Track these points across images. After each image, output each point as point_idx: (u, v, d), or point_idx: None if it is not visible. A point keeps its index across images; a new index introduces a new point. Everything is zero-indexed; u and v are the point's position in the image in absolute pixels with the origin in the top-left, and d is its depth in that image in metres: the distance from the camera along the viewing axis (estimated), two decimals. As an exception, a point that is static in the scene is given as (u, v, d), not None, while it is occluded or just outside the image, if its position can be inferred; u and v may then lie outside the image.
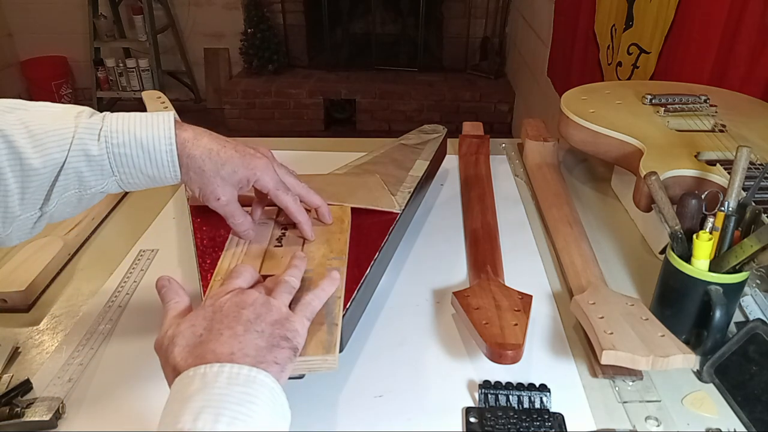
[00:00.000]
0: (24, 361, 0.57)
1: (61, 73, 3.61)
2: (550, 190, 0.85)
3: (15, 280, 0.65)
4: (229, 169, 0.54)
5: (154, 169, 0.51)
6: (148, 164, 0.51)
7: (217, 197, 0.55)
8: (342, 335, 0.51)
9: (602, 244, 0.76)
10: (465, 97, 3.31)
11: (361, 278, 0.59)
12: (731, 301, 0.55)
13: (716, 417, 0.51)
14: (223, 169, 0.53)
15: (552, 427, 0.49)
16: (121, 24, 3.49)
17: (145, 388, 0.54)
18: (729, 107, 0.85)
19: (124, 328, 0.62)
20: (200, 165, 0.52)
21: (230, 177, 0.54)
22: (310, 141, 1.11)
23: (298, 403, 0.52)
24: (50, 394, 0.52)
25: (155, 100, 1.15)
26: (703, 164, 0.69)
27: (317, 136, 3.33)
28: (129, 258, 0.73)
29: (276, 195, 0.58)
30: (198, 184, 0.54)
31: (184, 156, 0.52)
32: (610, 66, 1.63)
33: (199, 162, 0.52)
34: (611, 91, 0.94)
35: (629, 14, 1.50)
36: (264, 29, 3.38)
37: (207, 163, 0.53)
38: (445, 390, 0.54)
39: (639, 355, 0.50)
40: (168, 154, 0.51)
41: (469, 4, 3.43)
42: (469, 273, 0.70)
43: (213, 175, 0.53)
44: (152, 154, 0.50)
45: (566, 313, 0.63)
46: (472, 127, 1.05)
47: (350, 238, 0.64)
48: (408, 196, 0.74)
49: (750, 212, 0.55)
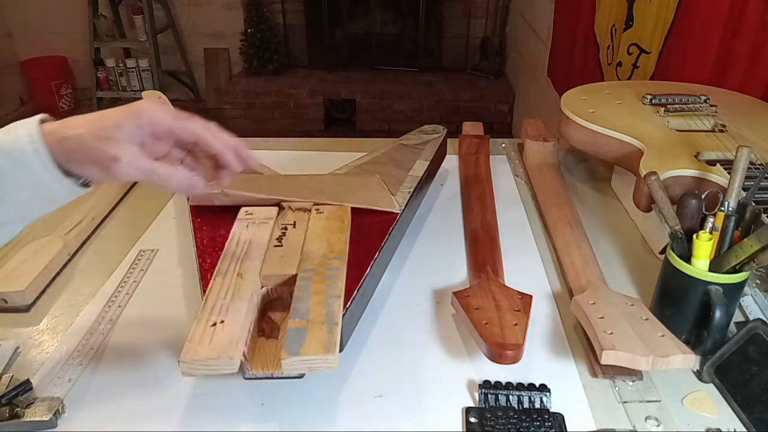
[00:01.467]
0: (24, 361, 0.57)
1: (61, 73, 3.60)
2: (550, 190, 0.85)
3: (15, 280, 0.65)
4: (111, 123, 0.46)
5: (28, 175, 0.44)
6: (20, 173, 0.44)
7: (113, 157, 0.45)
8: (342, 335, 0.51)
9: (602, 244, 0.76)
10: (465, 97, 3.31)
11: (361, 278, 0.59)
12: (731, 301, 0.55)
13: (716, 417, 0.51)
14: (105, 127, 0.45)
15: (552, 427, 0.49)
16: (121, 24, 3.48)
17: (144, 387, 0.54)
18: (729, 107, 0.85)
19: (124, 329, 0.62)
20: (78, 139, 0.45)
21: (117, 131, 0.45)
22: (310, 141, 1.11)
23: (298, 402, 0.53)
24: (50, 394, 0.52)
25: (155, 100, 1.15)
26: (703, 164, 0.69)
27: (317, 136, 3.33)
28: (129, 258, 0.73)
29: (181, 127, 0.49)
30: (89, 160, 0.45)
31: (55, 144, 0.44)
32: (610, 66, 1.63)
33: (76, 139, 0.45)
34: (611, 91, 0.94)
35: (629, 14, 1.50)
36: (264, 29, 3.38)
37: (85, 134, 0.45)
38: (445, 390, 0.54)
39: (639, 355, 0.50)
40: (32, 151, 0.44)
41: (469, 4, 3.43)
42: (469, 273, 0.70)
43: (96, 139, 0.45)
44: (17, 156, 0.44)
45: (566, 313, 0.63)
46: (472, 127, 1.05)
47: (350, 238, 0.64)
48: (408, 196, 0.74)
49: (750, 212, 0.55)
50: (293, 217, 0.68)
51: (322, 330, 0.49)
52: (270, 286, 0.59)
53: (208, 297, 0.54)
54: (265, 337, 0.55)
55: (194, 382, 0.55)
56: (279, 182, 0.78)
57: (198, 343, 0.49)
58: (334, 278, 0.57)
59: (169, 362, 0.57)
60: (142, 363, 0.57)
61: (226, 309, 0.53)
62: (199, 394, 0.53)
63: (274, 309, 0.59)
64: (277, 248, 0.62)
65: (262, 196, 0.71)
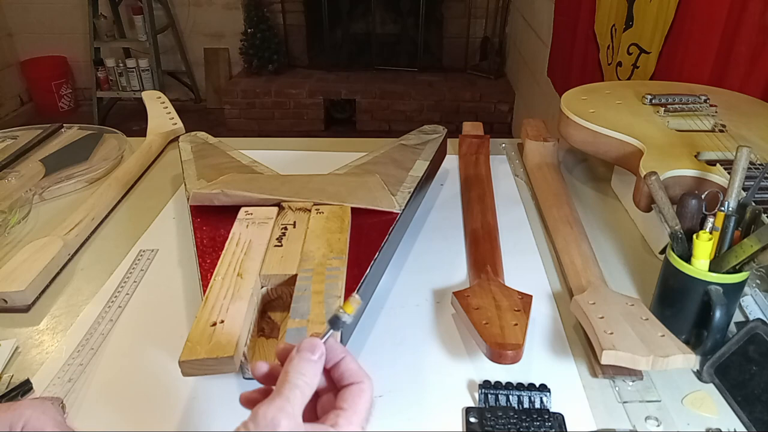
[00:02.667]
0: (24, 361, 0.57)
1: (61, 73, 3.61)
2: (550, 190, 0.85)
3: (15, 280, 0.65)
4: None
5: None
6: None
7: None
8: (342, 335, 0.51)
9: (602, 244, 0.76)
10: (465, 97, 3.31)
11: (361, 278, 0.59)
12: (731, 301, 0.55)
13: (716, 417, 0.51)
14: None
15: (552, 427, 0.49)
16: (121, 24, 3.49)
17: (145, 387, 0.54)
18: (729, 107, 0.85)
19: (124, 328, 0.62)
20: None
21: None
22: (310, 141, 1.11)
23: (298, 403, 0.53)
24: (50, 394, 0.52)
25: (155, 100, 1.16)
26: (703, 164, 0.69)
27: (317, 136, 3.33)
28: (129, 258, 0.73)
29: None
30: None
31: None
32: (610, 66, 1.63)
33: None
34: (611, 91, 0.94)
35: (629, 14, 1.50)
36: (264, 29, 3.38)
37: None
38: (445, 390, 0.54)
39: (639, 355, 0.50)
40: None
41: (469, 4, 3.43)
42: (469, 273, 0.70)
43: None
44: None
45: (566, 313, 0.63)
46: (472, 127, 1.05)
47: (350, 238, 0.64)
48: (408, 196, 0.74)
49: (750, 212, 0.55)
50: (293, 217, 0.68)
51: (322, 330, 0.49)
52: (270, 286, 0.59)
53: (208, 297, 0.54)
54: (265, 337, 0.55)
55: (194, 382, 0.54)
56: (279, 182, 0.78)
57: (197, 344, 0.49)
58: (334, 278, 0.57)
59: (169, 362, 0.57)
60: (142, 363, 0.57)
61: (226, 309, 0.53)
62: (199, 394, 0.53)
63: (274, 309, 0.59)
64: (277, 248, 0.62)
65: (262, 196, 0.71)
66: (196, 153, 0.89)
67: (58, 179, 0.90)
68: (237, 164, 0.85)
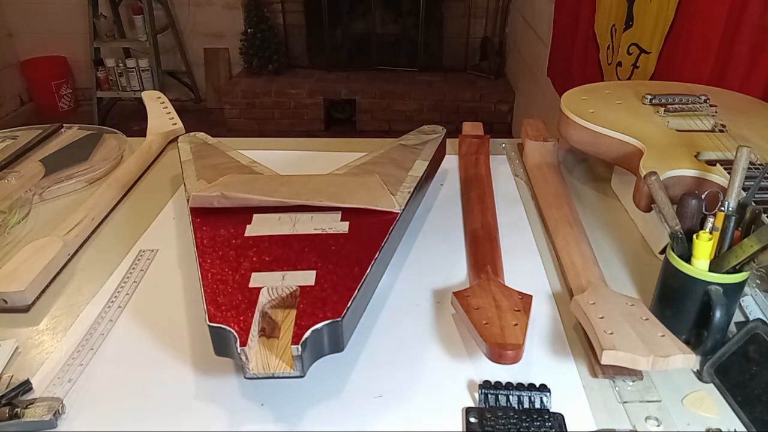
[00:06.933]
0: (24, 361, 0.57)
1: (61, 73, 3.61)
2: (550, 190, 0.85)
3: (15, 280, 0.65)
4: None
5: None
6: None
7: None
8: (342, 335, 0.51)
9: (602, 244, 0.76)
10: (465, 97, 3.31)
11: (361, 278, 0.59)
12: (731, 301, 0.55)
13: (716, 417, 0.51)
14: None
15: (552, 427, 0.49)
16: (121, 24, 3.49)
17: (144, 387, 0.54)
18: (729, 107, 0.85)
19: (124, 328, 0.62)
20: None
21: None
22: (310, 141, 1.11)
23: (298, 402, 0.53)
24: (50, 394, 0.52)
25: (155, 100, 1.16)
26: (703, 164, 0.69)
27: (317, 136, 3.33)
28: (129, 258, 0.73)
29: None
30: None
31: None
32: (610, 66, 1.63)
33: None
34: (611, 91, 0.94)
35: (629, 14, 1.50)
36: (264, 29, 3.38)
37: None
38: (445, 390, 0.54)
39: (639, 355, 0.50)
40: None
41: (469, 4, 3.43)
42: (469, 273, 0.70)
43: None
44: None
45: (566, 313, 0.63)
46: (472, 127, 1.05)
47: (350, 237, 0.64)
48: (408, 196, 0.74)
49: (750, 212, 0.55)
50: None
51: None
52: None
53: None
54: (265, 337, 0.55)
55: (194, 382, 0.55)
56: (279, 183, 0.78)
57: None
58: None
59: (169, 362, 0.57)
60: (142, 363, 0.57)
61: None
62: (200, 394, 0.53)
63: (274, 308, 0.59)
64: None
65: (262, 198, 0.70)
66: (196, 153, 0.89)
67: (58, 179, 0.90)
68: (236, 164, 0.85)
